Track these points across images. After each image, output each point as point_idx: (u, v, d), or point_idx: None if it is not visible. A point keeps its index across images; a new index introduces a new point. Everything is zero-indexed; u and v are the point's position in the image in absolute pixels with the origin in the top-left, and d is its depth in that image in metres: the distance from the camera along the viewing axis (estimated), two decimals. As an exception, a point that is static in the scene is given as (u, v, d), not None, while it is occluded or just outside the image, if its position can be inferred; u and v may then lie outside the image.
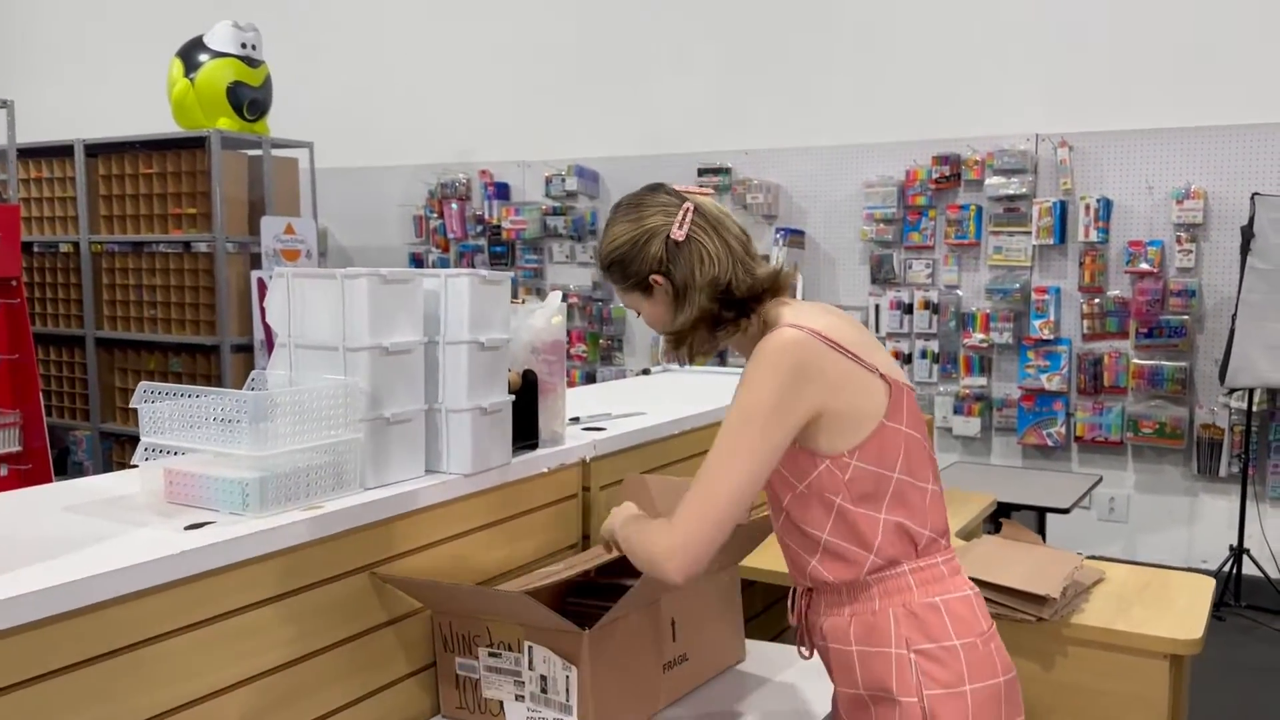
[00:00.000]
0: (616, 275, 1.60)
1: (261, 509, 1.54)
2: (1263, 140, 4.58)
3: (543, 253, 6.25)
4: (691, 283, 1.54)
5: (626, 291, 1.62)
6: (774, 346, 1.45)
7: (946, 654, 1.44)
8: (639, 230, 1.57)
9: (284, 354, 1.73)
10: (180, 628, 1.39)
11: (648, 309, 1.61)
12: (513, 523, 1.96)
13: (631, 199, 1.61)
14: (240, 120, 4.89)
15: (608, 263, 1.61)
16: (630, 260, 1.57)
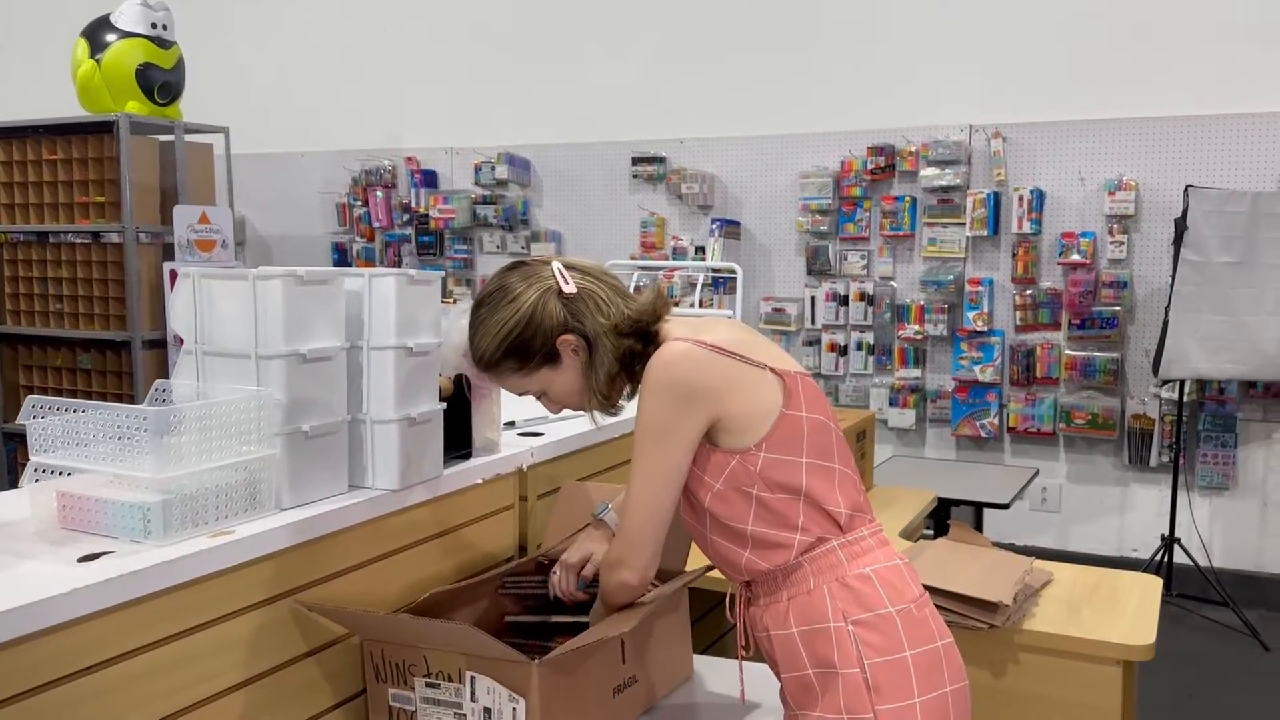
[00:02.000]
0: (514, 361, 1.55)
1: (165, 536, 1.40)
2: (1195, 132, 4.61)
3: (473, 243, 6.09)
4: (600, 329, 1.54)
5: (528, 374, 1.56)
6: (659, 365, 1.48)
7: (882, 621, 1.46)
8: (526, 305, 1.54)
9: (190, 362, 1.59)
10: (75, 672, 1.25)
11: (558, 384, 1.57)
12: (445, 538, 1.83)
13: (491, 292, 1.58)
14: (151, 104, 4.64)
15: (502, 352, 1.55)
16: (531, 336, 1.54)
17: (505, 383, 1.60)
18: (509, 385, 1.60)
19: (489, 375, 1.60)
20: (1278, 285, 4.14)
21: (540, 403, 1.63)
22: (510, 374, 1.56)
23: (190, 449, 1.43)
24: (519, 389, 1.60)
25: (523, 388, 1.59)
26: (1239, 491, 4.68)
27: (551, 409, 1.64)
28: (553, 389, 1.58)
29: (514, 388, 1.60)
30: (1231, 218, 4.11)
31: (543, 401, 1.62)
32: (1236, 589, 4.47)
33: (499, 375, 1.58)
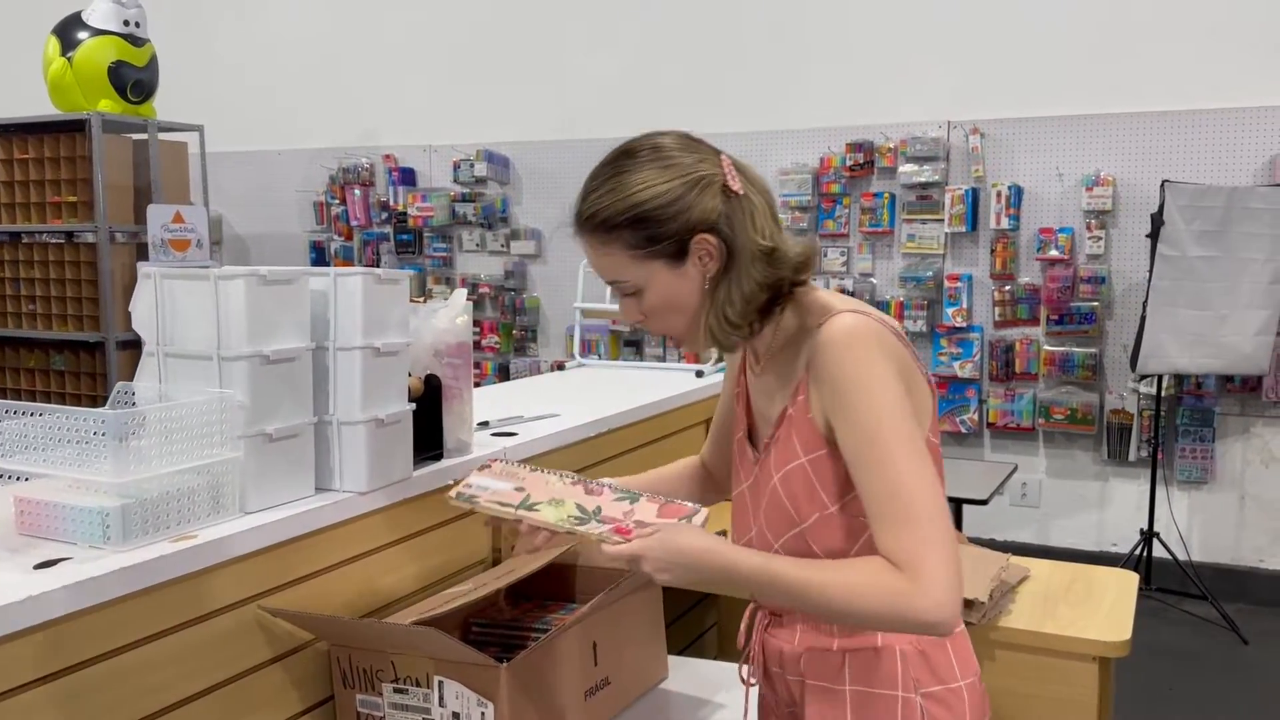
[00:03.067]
0: (634, 237, 1.27)
1: (125, 541, 1.37)
2: (1171, 128, 4.62)
3: (452, 241, 6.06)
4: (754, 247, 1.28)
5: (639, 261, 1.28)
6: (865, 333, 1.23)
7: (953, 696, 1.31)
8: (686, 176, 1.27)
9: (152, 364, 1.56)
10: (31, 681, 1.22)
11: (666, 289, 1.29)
12: (415, 541, 1.81)
13: (642, 147, 1.31)
14: (124, 102, 4.60)
15: (627, 219, 1.26)
16: (671, 215, 1.26)
17: (604, 259, 1.31)
18: (605, 264, 1.31)
19: (589, 240, 1.31)
20: (1253, 280, 4.15)
21: (622, 306, 1.35)
22: (618, 250, 1.28)
23: (151, 452, 1.41)
24: (614, 273, 1.31)
25: (619, 274, 1.31)
26: (1217, 485, 4.70)
27: (631, 317, 1.35)
28: (656, 292, 1.30)
29: (608, 270, 1.31)
30: (1207, 212, 4.12)
31: (626, 306, 1.34)
32: (1215, 583, 4.48)
33: (603, 246, 1.29)
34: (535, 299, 5.87)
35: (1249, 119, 4.51)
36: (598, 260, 1.32)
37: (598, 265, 1.33)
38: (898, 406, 1.21)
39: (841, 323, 1.25)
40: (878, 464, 1.20)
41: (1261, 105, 4.48)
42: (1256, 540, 4.68)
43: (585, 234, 1.31)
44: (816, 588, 1.20)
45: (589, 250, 1.32)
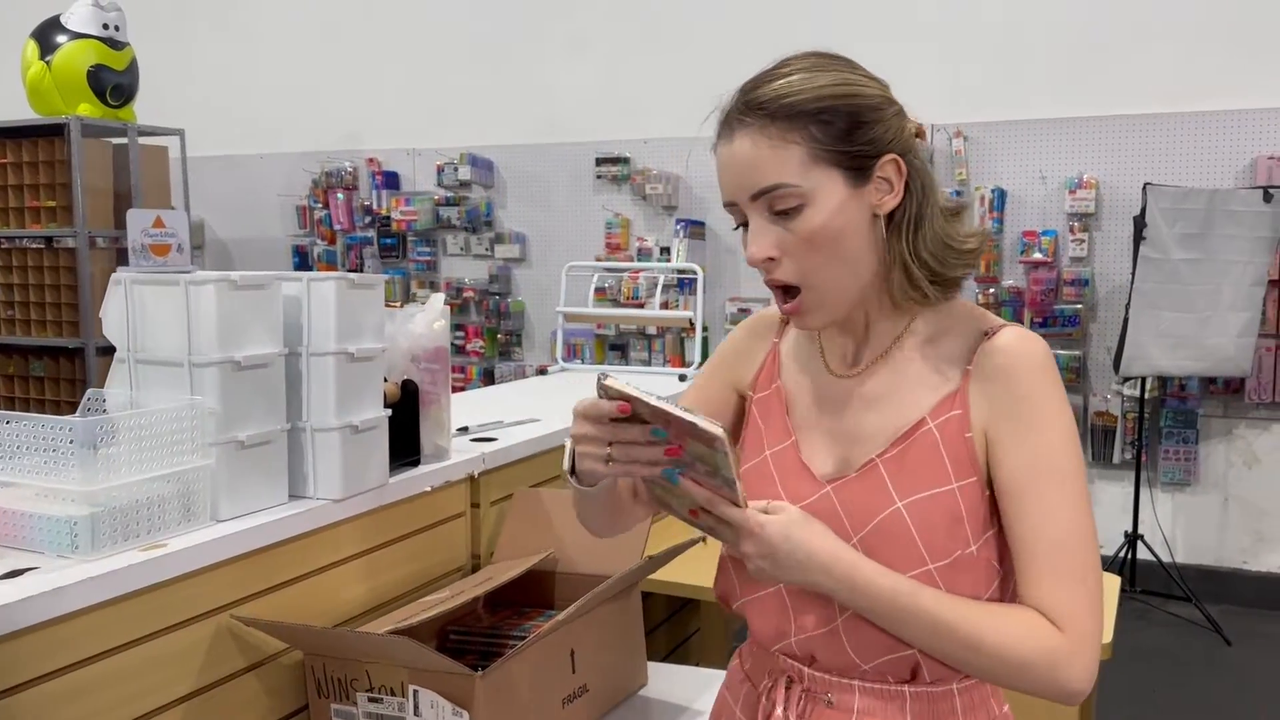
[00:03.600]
0: (821, 132, 1.07)
1: (93, 550, 1.35)
2: (1153, 130, 4.63)
3: (436, 245, 6.03)
4: (934, 197, 1.14)
5: (816, 163, 1.07)
6: (1051, 356, 1.12)
7: None
8: (887, 93, 1.15)
9: (123, 370, 1.54)
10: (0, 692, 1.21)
11: (834, 204, 1.08)
12: (392, 548, 1.79)
13: (839, 55, 1.16)
14: (103, 106, 4.57)
15: (820, 107, 1.08)
16: (874, 118, 1.10)
17: (770, 154, 1.08)
18: (769, 162, 1.08)
19: (760, 130, 1.08)
20: (1235, 282, 4.16)
21: (756, 236, 1.11)
22: (797, 145, 1.07)
23: (121, 460, 1.39)
24: (777, 174, 1.08)
25: (785, 175, 1.07)
26: (1200, 487, 4.71)
27: (764, 253, 1.10)
28: (825, 210, 1.08)
29: (769, 169, 1.08)
30: (1189, 215, 4.13)
31: (764, 235, 1.10)
32: (1199, 584, 4.49)
33: (780, 137, 1.07)
34: (520, 303, 5.85)
35: (1230, 122, 4.53)
36: (760, 156, 1.08)
37: (755, 163, 1.08)
38: (1078, 444, 1.11)
39: (1028, 335, 1.12)
40: (1055, 505, 1.06)
41: (1242, 108, 4.50)
42: (1240, 541, 4.69)
43: (758, 122, 1.08)
44: (970, 626, 1.05)
45: (751, 143, 1.08)
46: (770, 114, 1.09)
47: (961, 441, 1.11)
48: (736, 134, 1.11)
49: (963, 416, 1.12)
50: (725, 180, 1.13)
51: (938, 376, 1.15)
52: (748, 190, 1.10)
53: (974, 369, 1.12)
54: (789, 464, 1.19)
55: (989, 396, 1.11)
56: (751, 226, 1.12)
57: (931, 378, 1.15)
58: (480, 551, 2.03)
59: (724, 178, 1.13)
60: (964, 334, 1.15)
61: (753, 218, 1.11)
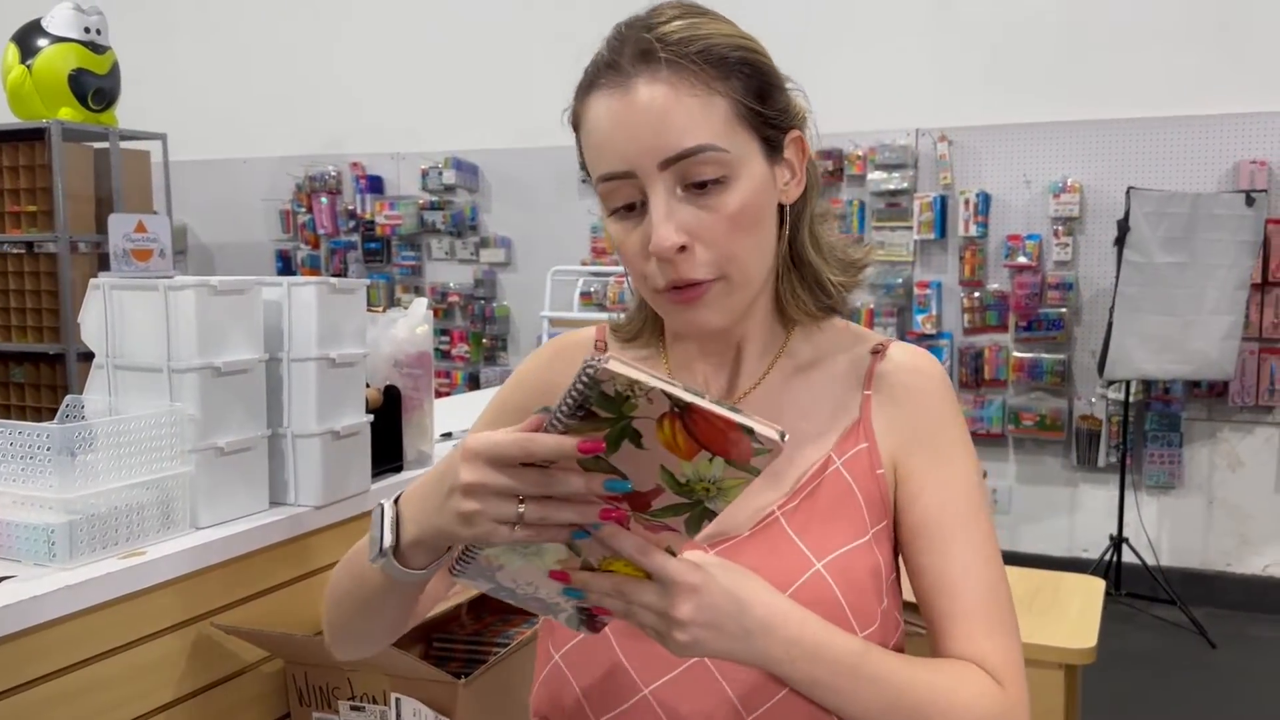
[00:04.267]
0: (749, 84, 0.89)
1: (71, 558, 1.34)
2: (1137, 134, 4.65)
3: (421, 249, 6.01)
4: (817, 194, 0.99)
5: (744, 125, 0.89)
6: (944, 371, 1.00)
7: None
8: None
9: (102, 376, 1.53)
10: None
11: (757, 180, 0.89)
12: (374, 554, 1.78)
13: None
14: (85, 110, 4.53)
15: (751, 61, 0.91)
16: (779, 83, 0.94)
17: (700, 104, 0.86)
18: (698, 115, 0.86)
19: (685, 73, 0.86)
20: (1219, 285, 4.18)
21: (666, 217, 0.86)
22: (725, 99, 0.87)
23: (99, 467, 1.38)
24: (703, 133, 0.86)
25: (713, 135, 0.86)
26: (1185, 490, 4.73)
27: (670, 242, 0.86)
28: (748, 185, 0.88)
29: (695, 128, 0.86)
30: (1173, 219, 4.15)
31: (681, 214, 0.87)
32: (1183, 587, 4.50)
33: (707, 86, 0.86)
34: (505, 307, 5.84)
35: (1213, 126, 4.55)
36: (680, 108, 0.86)
37: (671, 118, 0.86)
38: (976, 464, 0.98)
39: (922, 352, 1.00)
40: (978, 545, 0.94)
41: (1225, 113, 4.52)
42: (1224, 544, 4.71)
43: (675, 64, 0.86)
44: (923, 690, 0.88)
45: (668, 91, 0.86)
46: (691, 54, 0.87)
47: (873, 480, 0.95)
48: (640, 80, 0.86)
49: (871, 450, 0.96)
50: (618, 142, 0.87)
51: (832, 404, 0.98)
52: (659, 153, 0.86)
53: (875, 393, 0.97)
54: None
55: (895, 423, 0.97)
56: (655, 205, 0.86)
57: (825, 406, 0.98)
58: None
59: (616, 138, 0.87)
60: (847, 352, 1.00)
61: (656, 194, 0.86)
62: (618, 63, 0.88)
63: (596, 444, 0.72)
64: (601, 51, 0.91)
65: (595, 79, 0.90)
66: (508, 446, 0.73)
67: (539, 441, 0.72)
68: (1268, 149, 4.46)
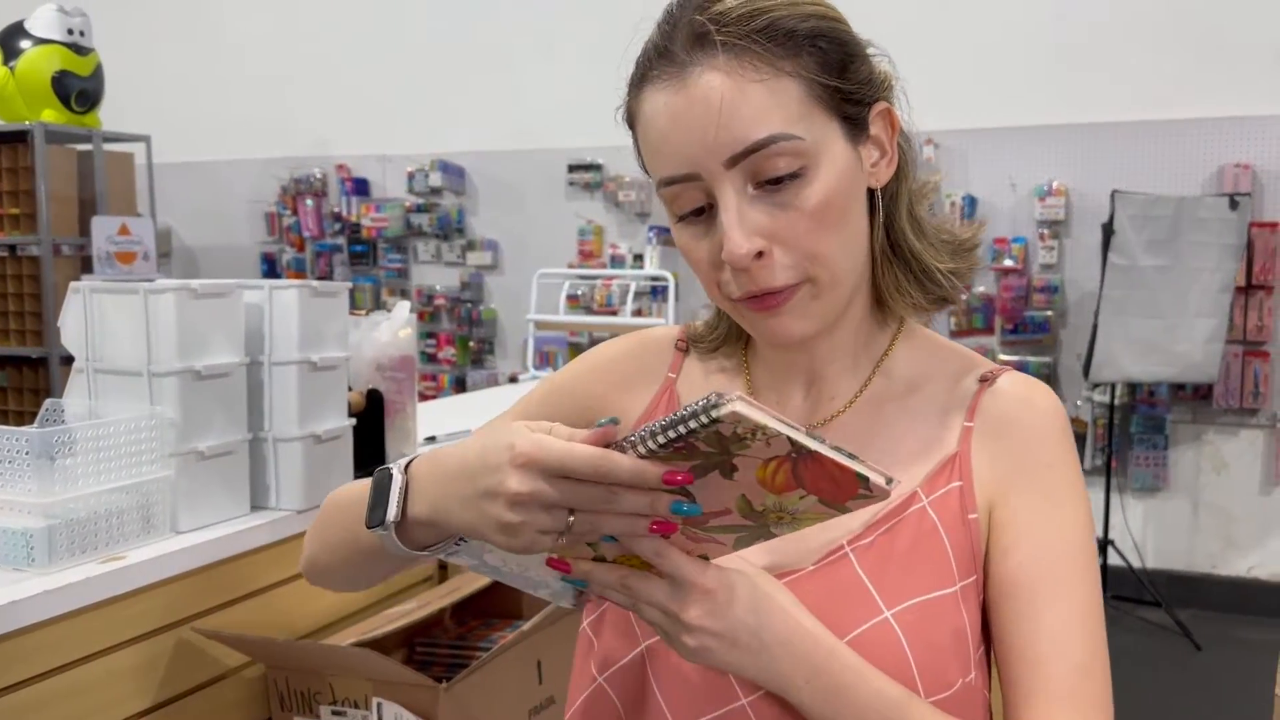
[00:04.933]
0: (826, 58, 0.79)
1: (50, 563, 1.33)
2: (1121, 138, 4.67)
3: (407, 252, 6.00)
4: (913, 165, 0.89)
5: (822, 105, 0.78)
6: (1063, 408, 0.88)
7: None
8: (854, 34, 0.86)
9: (82, 380, 1.51)
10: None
11: (841, 165, 0.79)
12: (358, 559, 1.77)
13: None
14: (68, 112, 4.51)
15: (829, 31, 0.81)
16: (856, 52, 0.84)
17: (768, 91, 0.76)
18: (762, 102, 0.75)
19: (744, 56, 0.76)
20: (1203, 288, 4.20)
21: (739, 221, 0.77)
22: (796, 78, 0.77)
23: (79, 471, 1.36)
24: (774, 122, 0.76)
25: (782, 124, 0.76)
26: (1170, 492, 4.75)
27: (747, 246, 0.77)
28: (833, 172, 0.78)
29: (765, 116, 0.75)
30: (1157, 222, 4.17)
31: (751, 215, 0.77)
32: (1169, 589, 4.52)
33: (771, 67, 0.76)
34: (492, 310, 5.83)
35: (1197, 130, 4.57)
36: (744, 96, 0.75)
37: (737, 107, 0.75)
38: (1089, 514, 0.85)
39: (1038, 383, 0.88)
40: (1077, 612, 0.81)
41: (1208, 116, 4.54)
42: (1209, 546, 4.72)
43: (735, 47, 0.76)
44: None
45: (728, 78, 0.75)
46: (752, 33, 0.76)
47: (964, 526, 0.82)
48: (696, 70, 0.76)
49: (966, 490, 0.83)
50: (677, 141, 0.77)
51: (927, 434, 0.86)
52: (725, 150, 0.76)
53: (977, 425, 0.85)
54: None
55: (996, 462, 0.84)
56: (725, 208, 0.77)
57: (919, 435, 0.86)
58: (448, 563, 2.01)
59: (674, 137, 0.77)
60: (951, 377, 0.88)
61: (725, 195, 0.77)
62: (670, 50, 0.78)
63: (685, 476, 0.65)
64: (653, 37, 0.81)
65: (647, 70, 0.80)
66: (576, 462, 0.65)
67: (617, 464, 0.65)
68: (1251, 152, 4.49)
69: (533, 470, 0.66)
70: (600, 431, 0.67)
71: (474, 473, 0.70)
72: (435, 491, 0.73)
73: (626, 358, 0.97)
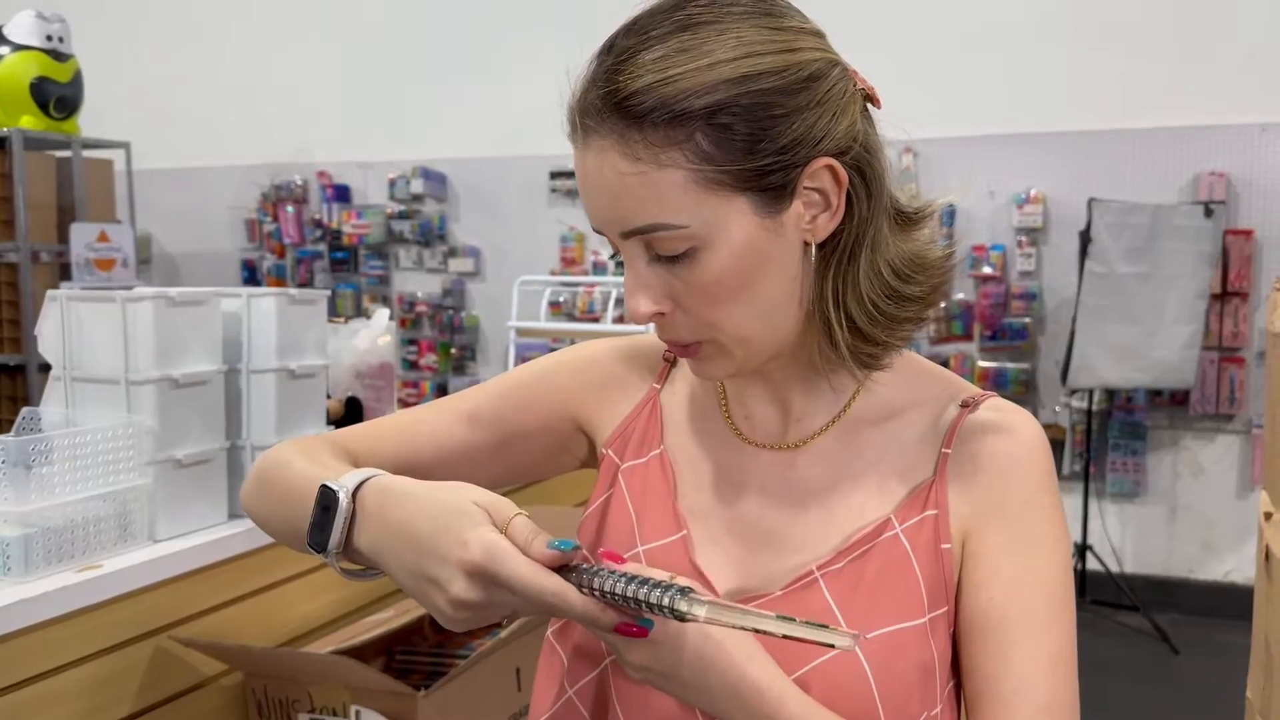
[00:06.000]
0: (720, 137, 0.72)
1: (27, 571, 1.33)
2: (1098, 146, 4.71)
3: (388, 258, 5.99)
4: (888, 201, 0.83)
5: (715, 187, 0.73)
6: (1046, 439, 0.85)
7: None
8: (814, 52, 0.79)
9: (59, 388, 1.51)
10: (-81, 721, 1.17)
11: (744, 242, 0.75)
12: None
13: (747, 7, 0.77)
14: (46, 119, 4.49)
15: (725, 103, 0.72)
16: (790, 107, 0.75)
17: (644, 179, 0.73)
18: (642, 191, 0.74)
19: (626, 139, 0.73)
20: (1179, 295, 4.24)
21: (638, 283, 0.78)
22: (680, 165, 0.73)
23: (56, 480, 1.36)
24: (654, 213, 0.74)
25: (665, 213, 0.74)
26: (1148, 498, 4.78)
27: (645, 309, 0.79)
28: (731, 253, 0.75)
29: (644, 203, 0.74)
30: (1134, 229, 4.21)
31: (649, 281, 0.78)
32: (1147, 593, 4.55)
33: (654, 152, 0.72)
34: (474, 317, 5.83)
35: (1173, 138, 4.61)
36: (623, 184, 0.74)
37: (618, 194, 0.74)
38: (1067, 550, 0.83)
39: (1022, 412, 0.85)
40: (1050, 652, 0.79)
41: (1184, 125, 4.59)
42: (1187, 551, 4.76)
43: (617, 129, 0.74)
44: None
45: (607, 162, 0.74)
46: (634, 117, 0.73)
47: (936, 556, 0.81)
48: (593, 139, 0.76)
49: (940, 519, 0.81)
50: (586, 203, 0.79)
51: (904, 460, 0.84)
52: (617, 225, 0.76)
53: (954, 453, 0.83)
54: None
55: (973, 492, 0.82)
56: (629, 268, 0.78)
57: (895, 461, 0.84)
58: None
59: (585, 199, 0.79)
60: (932, 403, 0.86)
61: (628, 258, 0.78)
62: (580, 106, 0.78)
63: (640, 630, 0.66)
64: (578, 79, 0.81)
65: (569, 118, 0.80)
66: (529, 592, 0.65)
67: (570, 605, 0.66)
68: (1226, 161, 4.54)
69: (483, 580, 0.66)
70: (560, 555, 0.67)
71: (422, 550, 0.69)
72: (380, 540, 0.72)
73: (610, 360, 0.96)
